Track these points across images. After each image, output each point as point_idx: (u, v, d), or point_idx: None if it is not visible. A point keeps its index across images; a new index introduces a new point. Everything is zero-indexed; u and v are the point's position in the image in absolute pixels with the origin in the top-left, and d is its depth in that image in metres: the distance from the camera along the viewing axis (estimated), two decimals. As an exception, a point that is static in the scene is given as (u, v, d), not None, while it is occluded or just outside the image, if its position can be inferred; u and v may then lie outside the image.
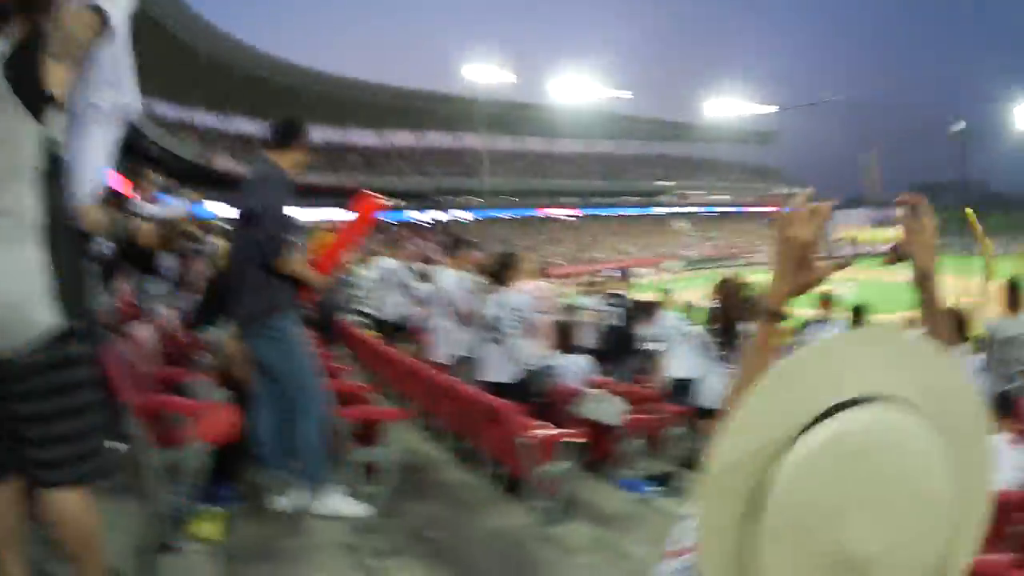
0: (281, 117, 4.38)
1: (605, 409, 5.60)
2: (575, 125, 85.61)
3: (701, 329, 5.94)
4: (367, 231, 5.25)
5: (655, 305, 11.02)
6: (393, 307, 10.36)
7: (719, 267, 73.15)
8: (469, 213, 74.93)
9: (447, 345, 7.23)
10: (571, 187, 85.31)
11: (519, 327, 5.88)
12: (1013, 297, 6.45)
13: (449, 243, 7.78)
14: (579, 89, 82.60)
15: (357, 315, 11.74)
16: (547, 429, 4.59)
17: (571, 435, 4.66)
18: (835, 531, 0.75)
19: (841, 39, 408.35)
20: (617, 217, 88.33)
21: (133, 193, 7.54)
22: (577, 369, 6.82)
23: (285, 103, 56.21)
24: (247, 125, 59.84)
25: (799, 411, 0.81)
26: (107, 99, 2.36)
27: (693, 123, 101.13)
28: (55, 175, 2.11)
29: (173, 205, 10.91)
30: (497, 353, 5.89)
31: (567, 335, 7.47)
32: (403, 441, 6.27)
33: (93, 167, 2.39)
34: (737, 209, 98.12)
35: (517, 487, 4.93)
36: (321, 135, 67.86)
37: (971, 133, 75.79)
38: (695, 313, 11.51)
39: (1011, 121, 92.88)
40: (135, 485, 3.68)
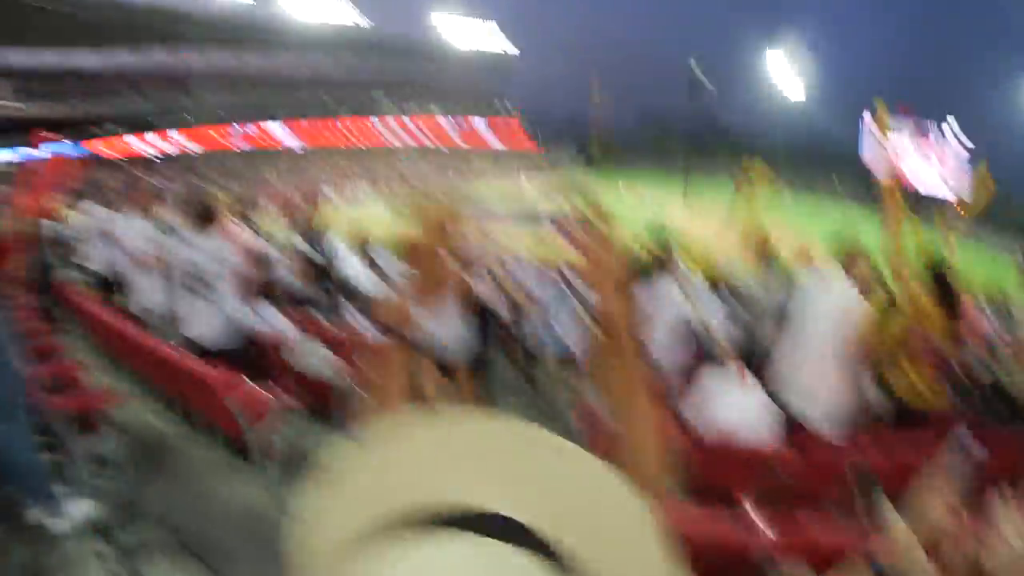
0: None
1: (317, 360, 5.48)
2: (299, 41, 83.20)
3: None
4: (61, 172, 4.78)
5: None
6: (101, 259, 9.43)
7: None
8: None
9: (139, 298, 6.67)
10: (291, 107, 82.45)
11: (223, 277, 5.40)
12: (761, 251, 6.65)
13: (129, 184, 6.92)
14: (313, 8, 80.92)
15: (76, 271, 10.56)
16: (251, 388, 4.39)
17: (274, 393, 4.47)
18: None
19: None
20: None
21: None
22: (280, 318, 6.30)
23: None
24: None
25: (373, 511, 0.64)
26: None
27: (421, 40, 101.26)
28: None
29: None
30: (204, 307, 5.41)
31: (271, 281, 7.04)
32: (131, 418, 5.78)
33: None
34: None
35: (246, 453, 4.64)
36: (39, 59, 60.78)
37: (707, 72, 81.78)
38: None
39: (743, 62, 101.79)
40: None
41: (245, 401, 4.24)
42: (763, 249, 6.71)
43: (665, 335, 5.74)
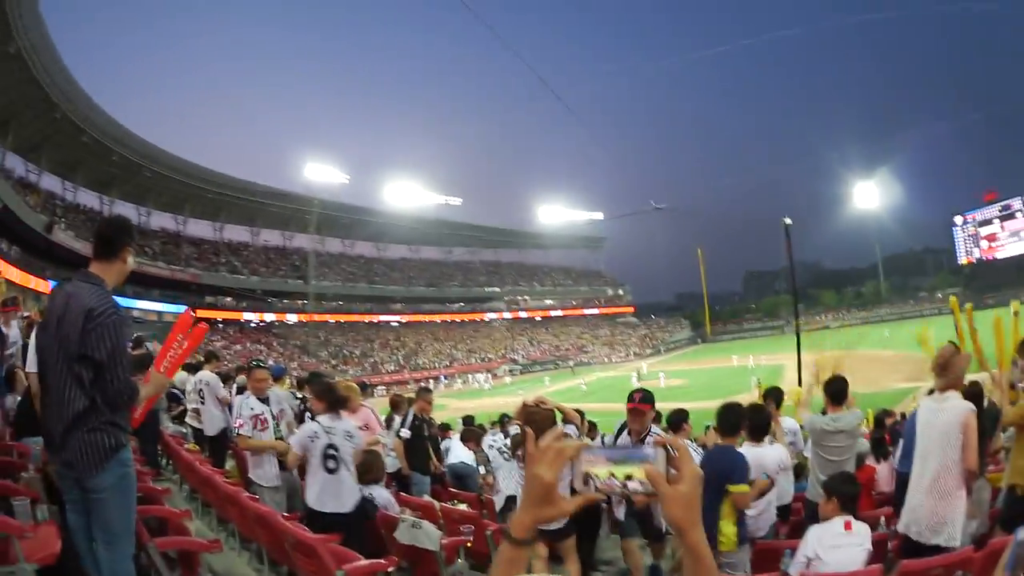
0: (101, 220, 4.12)
1: (421, 534, 5.56)
2: (404, 230, 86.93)
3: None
4: (190, 351, 5.20)
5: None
6: (211, 420, 10.06)
7: (547, 370, 75.18)
8: (294, 315, 73.74)
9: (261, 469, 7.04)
10: (398, 292, 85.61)
11: (351, 456, 5.91)
12: (833, 393, 6.41)
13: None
14: (410, 194, 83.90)
15: (179, 426, 11.31)
16: (358, 561, 4.46)
17: (381, 566, 4.54)
18: None
19: (671, 150, 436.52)
20: (442, 322, 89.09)
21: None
22: (388, 495, 6.70)
23: (127, 177, 55.52)
24: (89, 197, 57.81)
25: None
26: None
27: (521, 230, 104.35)
28: None
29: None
30: (333, 482, 5.82)
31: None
32: (223, 566, 6.03)
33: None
34: (562, 312, 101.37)
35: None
36: (158, 221, 66.61)
37: (799, 224, 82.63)
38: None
39: (836, 209, 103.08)
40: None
41: (354, 574, 4.30)
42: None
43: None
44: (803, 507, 6.71)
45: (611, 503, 6.60)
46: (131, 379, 3.78)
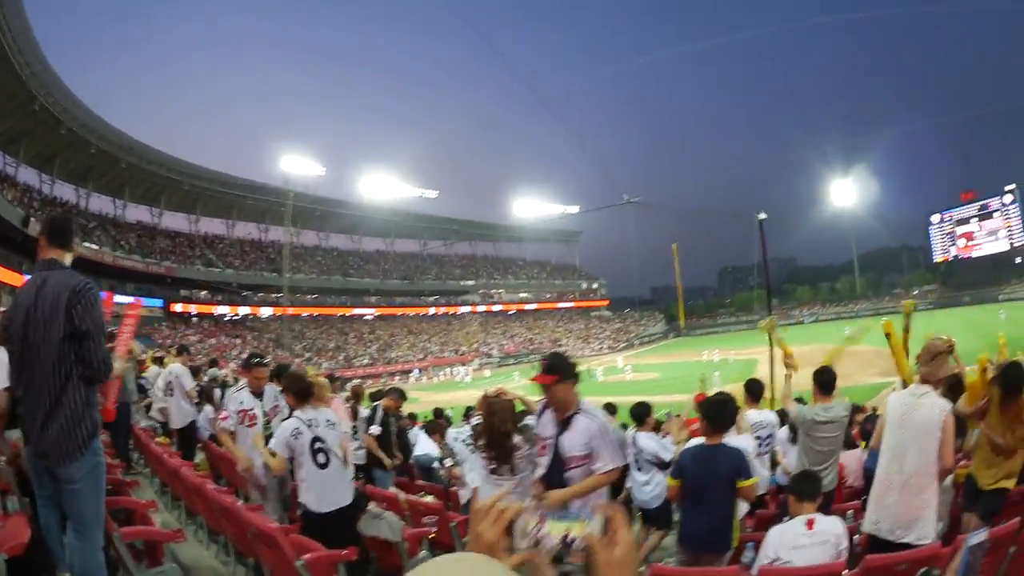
0: (54, 216, 4.34)
1: (383, 525, 5.62)
2: (379, 223, 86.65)
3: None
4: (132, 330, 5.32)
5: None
6: (179, 413, 10.10)
7: (522, 363, 75.24)
8: (268, 308, 73.43)
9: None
10: (372, 285, 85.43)
11: (338, 445, 5.74)
12: (823, 383, 6.50)
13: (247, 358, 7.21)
14: (386, 187, 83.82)
15: (148, 419, 11.32)
16: (318, 551, 4.51)
17: (340, 556, 4.58)
18: None
19: (647, 145, 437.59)
20: (416, 316, 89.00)
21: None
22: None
23: (104, 169, 55.39)
24: (66, 189, 57.17)
25: None
26: None
27: (496, 223, 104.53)
28: None
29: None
30: (329, 477, 5.59)
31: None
32: (190, 557, 6.08)
33: None
34: (536, 306, 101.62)
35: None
36: (133, 213, 66.24)
37: (776, 221, 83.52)
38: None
39: (812, 206, 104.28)
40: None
41: (314, 563, 4.36)
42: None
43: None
44: (774, 500, 6.80)
45: None
46: (108, 351, 4.00)
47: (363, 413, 9.55)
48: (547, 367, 4.39)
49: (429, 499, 7.30)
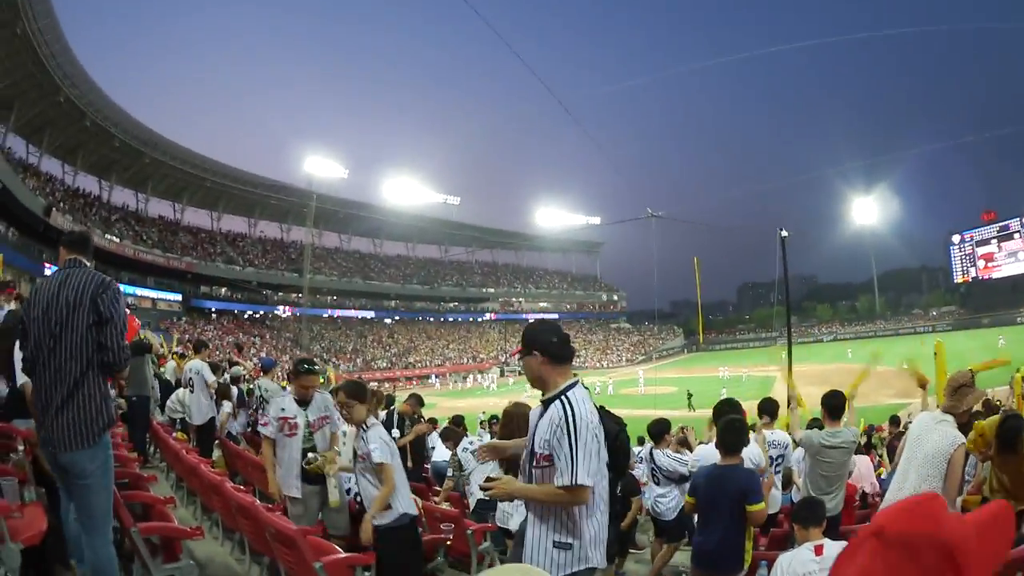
0: (73, 230, 4.45)
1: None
2: (401, 227, 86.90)
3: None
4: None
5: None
6: (199, 409, 10.15)
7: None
8: (289, 309, 73.77)
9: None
10: (392, 289, 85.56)
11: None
12: (832, 408, 6.43)
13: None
14: (409, 191, 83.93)
15: (168, 416, 11.39)
16: (336, 554, 4.53)
17: (359, 559, 4.61)
18: None
19: (671, 158, 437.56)
20: (435, 321, 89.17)
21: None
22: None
23: (127, 163, 55.88)
24: (89, 181, 57.67)
25: None
26: None
27: (518, 231, 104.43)
28: None
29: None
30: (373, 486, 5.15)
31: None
32: (205, 553, 6.11)
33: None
34: (557, 315, 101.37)
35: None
36: (156, 208, 66.59)
37: (798, 238, 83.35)
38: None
39: (834, 224, 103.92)
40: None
41: (332, 566, 4.37)
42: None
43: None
44: (788, 519, 6.75)
45: None
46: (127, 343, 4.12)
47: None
48: (521, 338, 3.63)
49: (446, 506, 7.29)
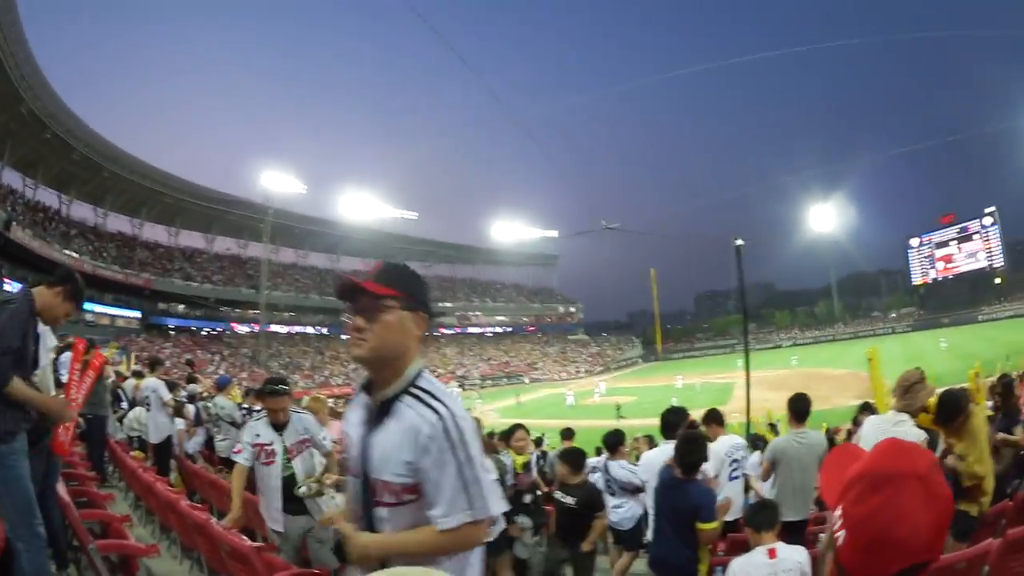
0: (66, 271, 4.40)
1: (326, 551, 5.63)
2: (359, 243, 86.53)
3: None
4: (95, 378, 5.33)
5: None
6: (156, 427, 10.08)
7: (497, 385, 75.21)
8: (246, 326, 73.07)
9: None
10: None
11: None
12: (799, 411, 6.46)
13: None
14: (366, 207, 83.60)
15: (126, 434, 11.28)
16: (290, 570, 4.49)
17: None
18: None
19: (626, 171, 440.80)
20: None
21: None
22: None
23: (86, 177, 54.97)
24: (48, 195, 56.52)
25: None
26: None
27: (475, 246, 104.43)
28: None
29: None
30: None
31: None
32: (163, 572, 6.08)
33: None
34: (512, 329, 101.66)
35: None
36: (114, 223, 65.44)
37: (753, 246, 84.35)
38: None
39: (790, 231, 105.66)
40: None
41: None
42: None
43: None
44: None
45: None
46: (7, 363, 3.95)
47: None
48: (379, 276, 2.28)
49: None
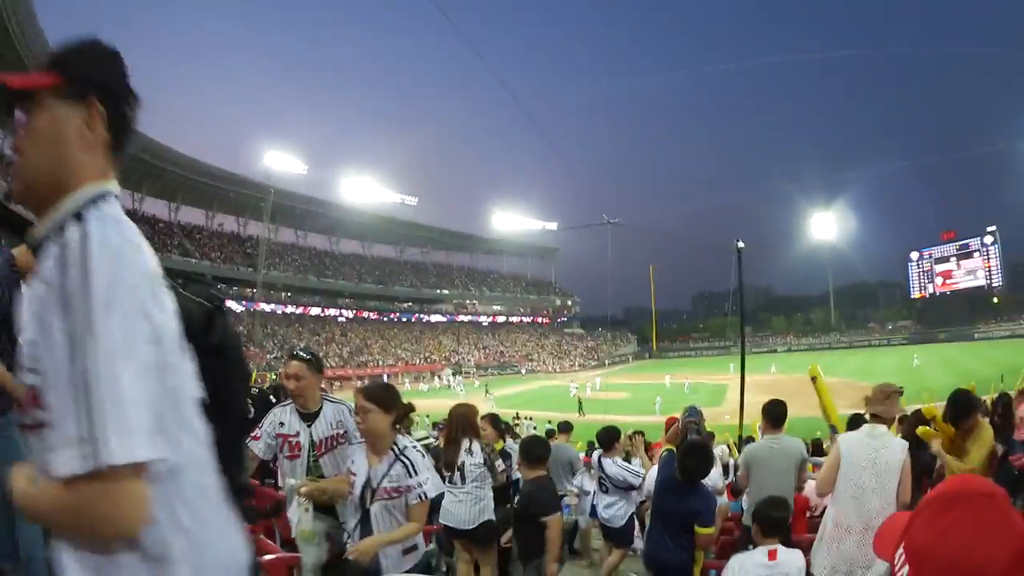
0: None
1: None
2: (358, 226, 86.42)
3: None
4: None
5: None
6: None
7: (493, 375, 75.26)
8: (241, 305, 72.82)
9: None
10: (346, 288, 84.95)
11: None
12: (775, 417, 6.40)
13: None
14: (367, 190, 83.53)
15: None
16: (271, 552, 4.47)
17: (293, 560, 4.49)
18: None
19: (630, 167, 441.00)
20: (389, 320, 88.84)
21: None
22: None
23: None
24: None
25: None
26: None
27: (474, 234, 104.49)
28: None
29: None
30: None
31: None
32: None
33: None
34: (508, 319, 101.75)
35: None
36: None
37: (754, 250, 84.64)
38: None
39: (792, 237, 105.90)
40: None
41: (271, 565, 4.29)
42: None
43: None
44: (739, 529, 6.78)
45: None
46: None
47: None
48: None
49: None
